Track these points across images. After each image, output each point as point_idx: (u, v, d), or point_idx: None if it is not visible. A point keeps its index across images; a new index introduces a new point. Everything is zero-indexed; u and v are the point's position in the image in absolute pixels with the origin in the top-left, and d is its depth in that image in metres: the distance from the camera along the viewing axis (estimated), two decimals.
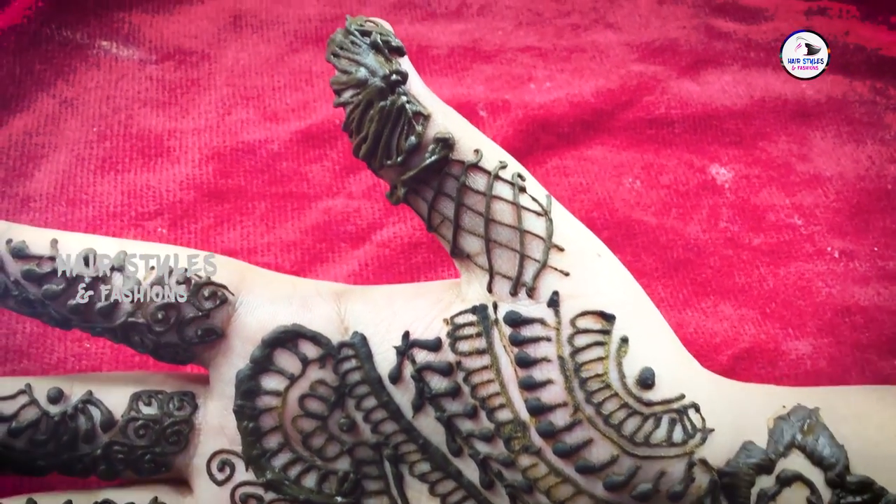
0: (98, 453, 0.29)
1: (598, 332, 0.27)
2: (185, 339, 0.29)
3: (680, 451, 0.27)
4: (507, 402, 0.28)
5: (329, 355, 0.29)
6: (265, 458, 0.30)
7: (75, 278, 0.28)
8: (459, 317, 0.28)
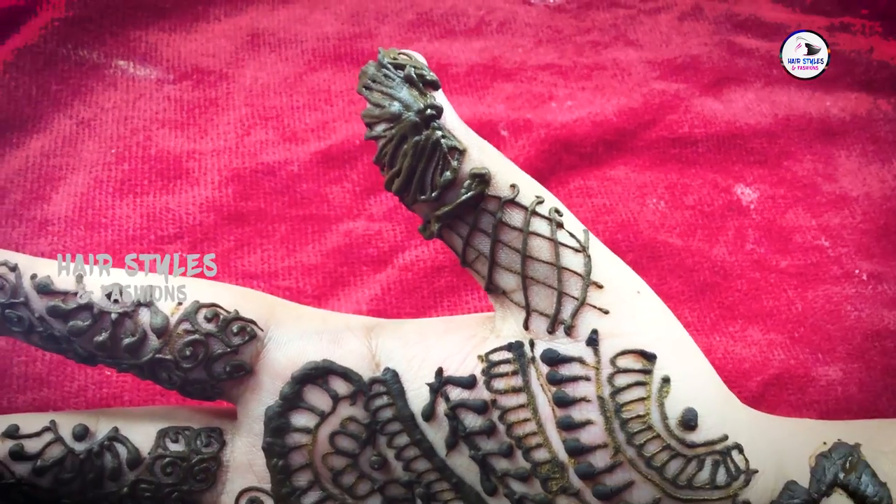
0: (124, 491, 0.29)
1: (639, 371, 0.26)
2: (213, 375, 0.29)
3: (724, 494, 0.26)
4: (544, 442, 0.27)
5: (360, 392, 0.29)
6: (295, 496, 0.29)
7: (101, 314, 0.28)
8: (495, 354, 0.28)
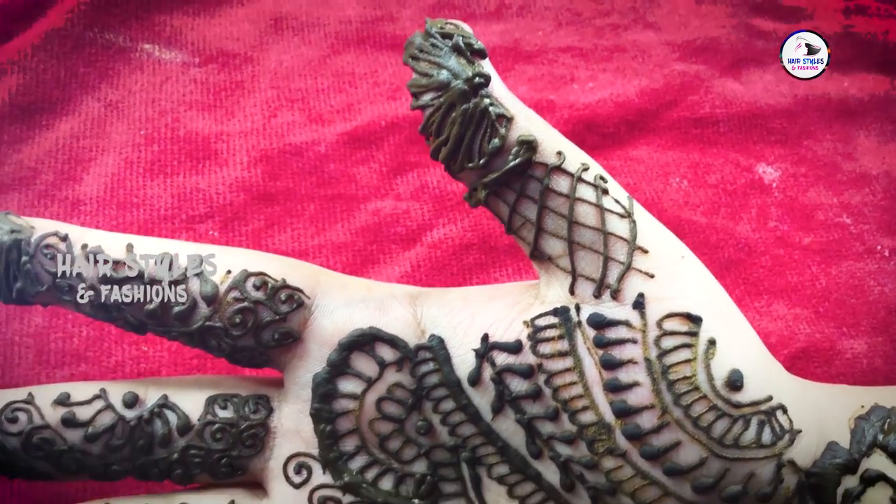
0: (174, 457, 0.29)
1: (685, 333, 0.27)
2: (261, 342, 0.29)
3: (769, 453, 0.27)
4: (590, 405, 0.27)
5: (406, 358, 0.29)
6: (342, 461, 0.29)
7: (152, 282, 0.28)
8: (540, 319, 0.28)
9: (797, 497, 0.27)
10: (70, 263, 0.28)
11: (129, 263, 0.28)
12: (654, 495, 0.27)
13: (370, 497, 0.29)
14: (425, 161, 0.46)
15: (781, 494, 0.27)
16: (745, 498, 0.26)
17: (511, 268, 0.43)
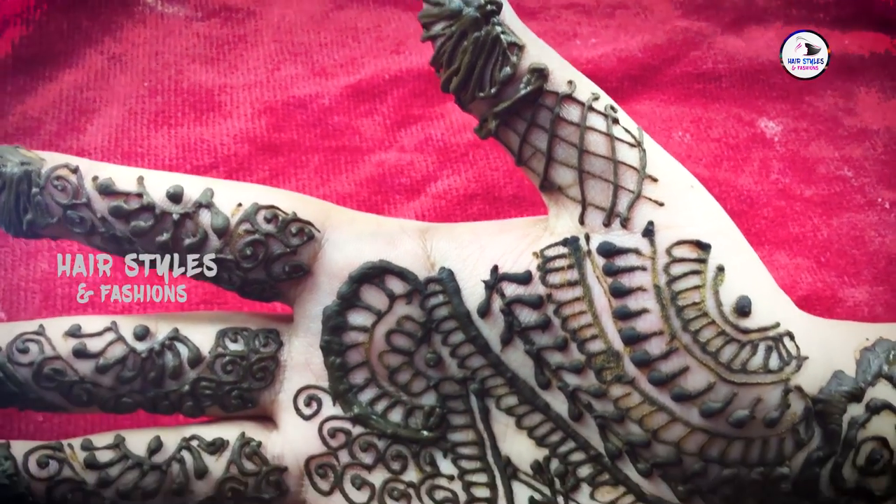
0: (185, 389, 0.29)
1: (695, 260, 0.27)
2: (272, 275, 0.29)
3: (776, 378, 0.27)
4: (599, 333, 0.28)
5: (416, 291, 0.29)
6: (352, 393, 0.30)
7: (163, 214, 0.28)
8: (550, 249, 0.28)
9: (803, 423, 0.27)
10: (81, 196, 0.28)
11: (140, 196, 0.28)
12: (662, 421, 0.27)
13: (379, 429, 0.30)
14: (429, 114, 0.46)
15: (788, 419, 0.27)
16: (752, 422, 0.27)
17: (514, 217, 0.43)
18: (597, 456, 0.29)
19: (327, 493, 0.30)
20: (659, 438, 0.28)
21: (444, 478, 0.30)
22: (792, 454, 0.27)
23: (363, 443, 0.30)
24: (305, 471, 0.30)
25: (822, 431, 0.27)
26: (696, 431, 0.27)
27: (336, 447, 0.30)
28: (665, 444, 0.27)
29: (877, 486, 0.28)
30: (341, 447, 0.30)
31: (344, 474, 0.30)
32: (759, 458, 0.27)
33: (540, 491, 0.30)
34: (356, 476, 0.30)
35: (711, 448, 0.27)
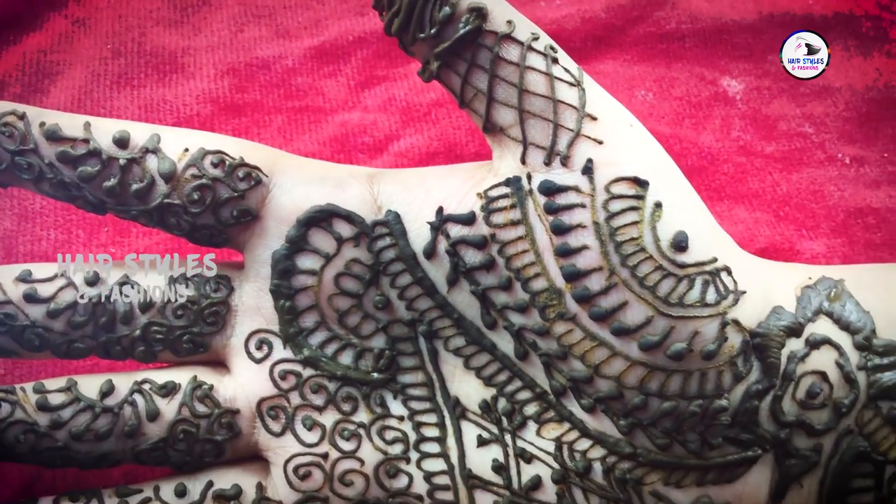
0: (136, 334, 0.30)
1: (633, 197, 0.27)
2: (220, 220, 0.29)
3: (713, 312, 0.27)
4: (542, 271, 0.28)
5: (363, 234, 0.30)
6: (302, 336, 0.30)
7: (110, 160, 0.29)
8: (493, 190, 0.29)
9: (741, 356, 0.28)
10: (28, 142, 0.28)
11: (86, 141, 0.29)
12: (603, 356, 0.28)
13: (330, 371, 0.30)
14: (393, 75, 0.46)
15: (725, 352, 0.27)
16: (690, 355, 0.27)
17: None
18: (542, 394, 0.29)
19: (279, 434, 0.30)
20: (600, 373, 0.28)
21: (394, 418, 0.30)
22: (731, 387, 0.28)
23: (314, 385, 0.30)
24: (257, 413, 0.30)
25: (761, 365, 0.28)
26: (636, 365, 0.28)
27: (287, 389, 0.30)
28: (606, 378, 0.28)
29: (817, 419, 0.28)
30: (292, 389, 0.30)
31: (295, 415, 0.30)
32: (697, 391, 0.28)
33: (488, 429, 0.30)
34: (307, 417, 0.30)
35: (651, 381, 0.28)
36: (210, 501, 0.30)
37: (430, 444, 0.30)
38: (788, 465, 0.28)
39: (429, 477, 0.30)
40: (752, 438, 0.28)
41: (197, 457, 0.30)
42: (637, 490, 0.29)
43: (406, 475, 0.30)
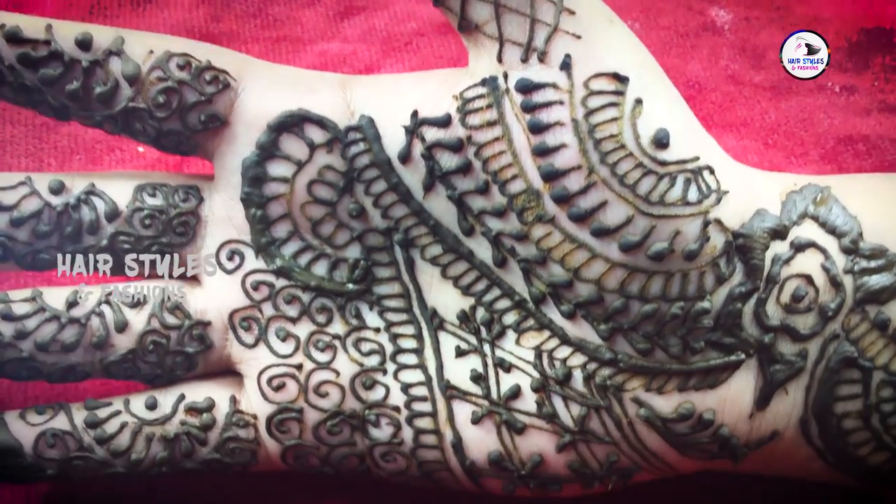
0: (103, 244, 0.29)
1: (612, 93, 0.26)
2: (187, 125, 0.29)
3: (695, 210, 0.27)
4: (519, 172, 0.27)
5: (336, 139, 0.29)
6: (275, 246, 0.29)
7: (72, 62, 0.28)
8: (469, 91, 0.28)
9: (724, 257, 0.27)
10: None
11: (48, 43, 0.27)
12: (583, 259, 0.27)
13: (303, 281, 0.29)
14: (373, 4, 0.46)
15: (707, 253, 0.27)
16: (671, 255, 0.27)
17: None
18: (521, 302, 0.29)
19: (252, 346, 0.29)
20: (580, 277, 0.27)
21: (370, 330, 0.30)
22: (713, 288, 0.27)
23: (287, 295, 0.29)
24: (229, 324, 0.30)
25: (744, 267, 0.27)
26: (616, 267, 0.27)
27: (259, 300, 0.29)
28: (586, 282, 0.27)
29: (802, 323, 0.28)
30: (265, 300, 0.29)
31: (268, 327, 0.29)
32: (679, 293, 0.27)
33: (466, 340, 0.29)
34: (280, 328, 0.29)
35: (631, 283, 0.27)
36: (182, 414, 0.29)
37: (407, 356, 0.30)
38: (773, 371, 0.28)
39: (406, 388, 0.29)
40: (736, 343, 0.28)
41: (168, 370, 0.29)
42: (618, 396, 0.28)
43: (383, 387, 0.29)
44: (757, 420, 0.28)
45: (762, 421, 0.28)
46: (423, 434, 0.29)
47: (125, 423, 0.29)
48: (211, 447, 0.29)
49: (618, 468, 0.29)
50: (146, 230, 0.29)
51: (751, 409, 0.28)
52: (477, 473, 0.29)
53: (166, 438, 0.29)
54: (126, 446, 0.29)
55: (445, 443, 0.29)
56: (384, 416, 0.29)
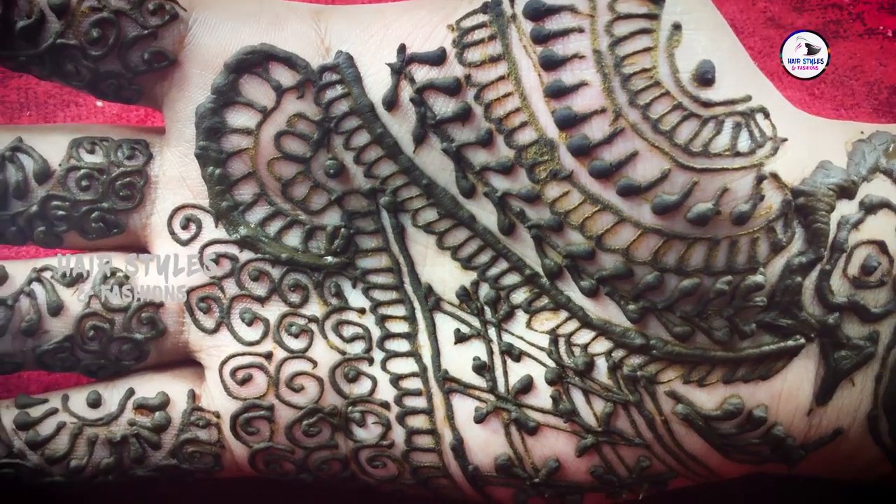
0: (33, 210, 0.24)
1: (644, 17, 0.22)
2: (128, 65, 0.24)
3: (746, 163, 0.22)
4: (529, 119, 0.22)
5: (308, 81, 0.24)
6: (238, 212, 0.25)
7: None
8: (467, 19, 0.23)
9: (781, 220, 0.22)
10: None
11: None
12: (607, 224, 0.22)
13: (273, 253, 0.25)
14: None
15: (761, 215, 0.22)
16: (717, 218, 0.22)
17: None
18: (533, 276, 0.24)
19: (212, 331, 0.25)
20: (604, 246, 0.23)
21: (353, 311, 0.25)
22: (767, 259, 0.22)
23: (253, 270, 0.25)
24: (185, 306, 0.25)
25: (805, 232, 0.23)
26: (648, 233, 0.22)
27: (220, 276, 0.25)
28: (611, 252, 0.23)
29: (873, 300, 0.23)
30: (227, 276, 0.25)
31: (231, 308, 0.25)
32: (726, 265, 0.22)
33: (467, 323, 0.25)
34: (246, 310, 0.25)
35: (667, 253, 0.22)
36: (130, 413, 0.25)
37: (398, 342, 0.25)
38: (837, 358, 0.23)
39: (396, 380, 0.25)
40: (794, 324, 0.23)
41: (113, 360, 0.25)
42: (650, 390, 0.23)
43: (369, 378, 0.25)
44: (817, 417, 0.24)
45: (823, 418, 0.24)
46: (417, 435, 0.25)
47: (62, 423, 0.25)
48: (166, 451, 0.25)
49: (650, 474, 0.24)
50: (84, 193, 0.25)
51: (810, 403, 0.24)
52: (482, 481, 0.25)
53: (112, 441, 0.25)
54: (64, 451, 0.24)
55: (444, 445, 0.25)
56: (371, 413, 0.25)
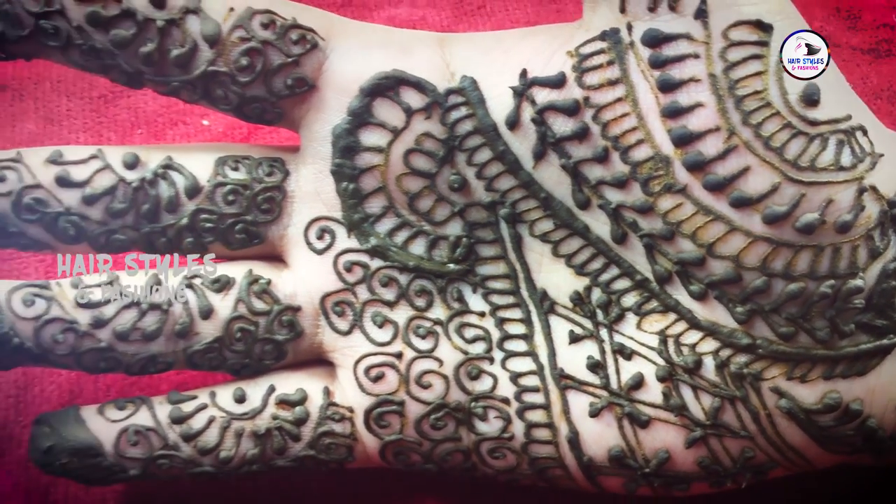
0: (183, 223, 0.26)
1: (755, 43, 0.23)
2: (273, 90, 0.26)
3: (849, 177, 0.24)
4: (645, 137, 0.24)
5: (435, 104, 0.26)
6: (368, 223, 0.27)
7: (146, 21, 0.25)
8: (586, 46, 0.25)
9: (878, 228, 0.24)
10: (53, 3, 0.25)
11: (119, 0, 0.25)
12: (719, 233, 0.24)
13: (400, 261, 0.27)
14: None
15: (862, 223, 0.24)
16: (822, 227, 0.24)
17: None
18: (643, 281, 0.26)
19: (346, 333, 0.27)
20: (715, 253, 0.24)
21: (473, 314, 0.27)
22: (866, 264, 0.24)
23: (383, 277, 0.27)
24: (321, 309, 0.27)
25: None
26: (758, 241, 0.24)
27: (353, 283, 0.27)
28: (722, 259, 0.24)
29: None
30: (359, 282, 0.27)
31: (363, 312, 0.27)
32: (829, 270, 0.24)
33: (580, 324, 0.27)
34: (377, 313, 0.27)
35: (775, 260, 0.24)
36: (272, 407, 0.27)
37: (516, 342, 0.27)
38: None
39: (515, 378, 0.27)
40: (888, 325, 0.25)
41: (256, 359, 0.27)
42: (755, 386, 0.25)
43: (490, 376, 0.27)
44: None
45: None
46: (535, 428, 0.27)
47: (213, 417, 0.26)
48: (305, 443, 0.27)
49: (753, 464, 0.26)
50: (229, 207, 0.27)
51: None
52: (595, 471, 0.26)
53: (257, 434, 0.26)
54: (214, 443, 0.26)
55: (560, 437, 0.26)
56: (492, 408, 0.27)
